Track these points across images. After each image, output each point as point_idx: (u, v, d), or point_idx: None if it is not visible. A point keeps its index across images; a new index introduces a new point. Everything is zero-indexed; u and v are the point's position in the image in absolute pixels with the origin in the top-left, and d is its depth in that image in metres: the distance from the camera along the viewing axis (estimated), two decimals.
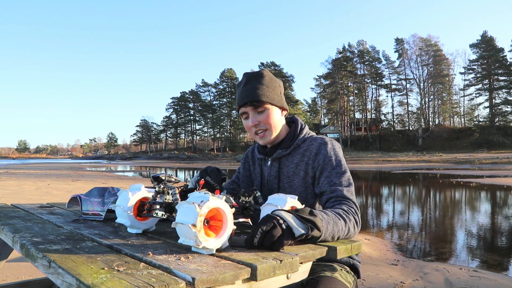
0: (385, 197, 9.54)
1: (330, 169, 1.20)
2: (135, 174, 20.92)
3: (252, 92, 1.24)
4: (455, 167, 22.74)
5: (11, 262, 2.94)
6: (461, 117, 60.61)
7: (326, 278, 1.07)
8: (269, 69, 69.13)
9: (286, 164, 1.30)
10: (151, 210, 0.92)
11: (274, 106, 1.27)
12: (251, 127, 1.29)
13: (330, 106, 64.74)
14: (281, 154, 1.30)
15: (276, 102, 1.27)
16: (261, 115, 1.26)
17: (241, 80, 1.31)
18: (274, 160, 1.33)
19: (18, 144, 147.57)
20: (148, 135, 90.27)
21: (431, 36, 59.84)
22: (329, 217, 0.96)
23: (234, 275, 0.63)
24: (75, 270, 0.61)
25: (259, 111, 1.26)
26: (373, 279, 2.95)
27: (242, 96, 1.26)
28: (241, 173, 1.49)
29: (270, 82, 1.27)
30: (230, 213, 0.78)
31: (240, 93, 1.28)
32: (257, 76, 1.27)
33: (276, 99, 1.27)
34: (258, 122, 1.27)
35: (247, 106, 1.26)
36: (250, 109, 1.26)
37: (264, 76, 1.28)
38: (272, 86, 1.28)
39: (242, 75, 1.31)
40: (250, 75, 1.28)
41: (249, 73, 1.30)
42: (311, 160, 1.25)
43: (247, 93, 1.25)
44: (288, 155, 1.30)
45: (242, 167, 1.49)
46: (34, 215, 1.27)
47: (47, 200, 6.60)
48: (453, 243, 4.49)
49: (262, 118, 1.27)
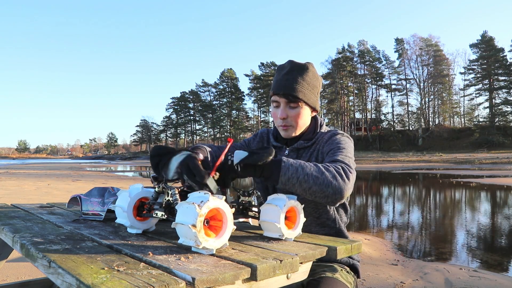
0: (385, 197, 9.54)
1: (336, 148, 1.15)
2: (135, 174, 20.92)
3: (291, 85, 1.19)
4: (455, 167, 22.74)
5: (11, 262, 2.94)
6: (461, 117, 60.62)
7: (327, 279, 1.07)
8: (269, 69, 69.59)
9: (304, 156, 1.26)
10: (150, 210, 0.92)
11: (308, 105, 1.23)
12: (279, 119, 1.24)
13: (330, 106, 64.71)
14: (302, 145, 1.26)
15: (311, 103, 1.23)
16: (292, 110, 1.22)
17: (284, 64, 1.25)
18: (292, 150, 1.28)
19: (18, 144, 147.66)
20: (148, 135, 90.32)
21: (432, 36, 59.87)
22: (297, 162, 0.96)
23: (234, 275, 0.63)
24: (75, 270, 0.61)
25: (291, 106, 1.21)
26: (373, 279, 2.95)
27: (280, 84, 1.20)
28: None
29: (311, 80, 1.22)
30: (230, 213, 0.78)
31: (278, 80, 1.22)
32: (301, 69, 1.21)
33: (312, 99, 1.23)
34: (287, 117, 1.22)
35: (281, 97, 1.21)
36: (283, 101, 1.21)
37: (308, 71, 1.22)
38: (313, 84, 1.23)
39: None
40: (295, 65, 1.22)
41: (294, 62, 1.23)
42: (321, 147, 1.22)
43: (286, 83, 1.19)
44: (307, 148, 1.27)
45: (255, 146, 1.39)
46: (34, 215, 1.27)
47: (47, 200, 6.60)
48: (453, 243, 4.49)
49: (292, 113, 1.22)
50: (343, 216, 1.30)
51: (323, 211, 1.24)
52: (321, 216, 1.24)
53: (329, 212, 1.24)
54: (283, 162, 0.94)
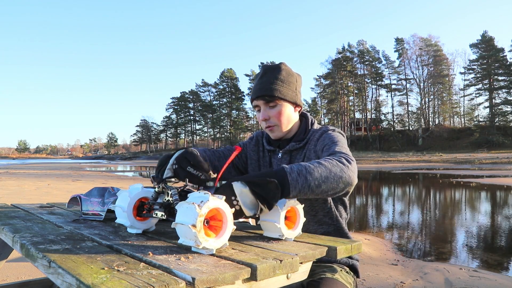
0: (385, 197, 9.55)
1: (330, 143, 1.14)
2: (135, 174, 20.91)
3: (266, 86, 1.22)
4: (455, 167, 22.74)
5: (11, 262, 2.94)
6: (461, 117, 60.63)
7: (327, 279, 1.07)
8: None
9: (297, 157, 1.27)
10: (150, 211, 0.92)
11: (287, 102, 1.25)
12: (261, 121, 1.27)
13: (330, 106, 64.76)
14: (294, 147, 1.27)
15: (289, 98, 1.24)
16: (272, 110, 1.25)
17: (259, 72, 1.30)
18: (285, 153, 1.30)
19: (18, 144, 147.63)
20: (148, 135, 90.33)
21: (431, 36, 59.93)
22: (301, 168, 0.89)
23: (234, 275, 0.63)
24: (75, 270, 0.61)
25: (270, 106, 1.24)
26: (373, 279, 2.95)
27: (256, 89, 1.25)
28: (249, 155, 1.40)
29: (286, 77, 1.25)
30: (230, 213, 0.78)
31: (255, 85, 1.27)
32: (274, 70, 1.25)
33: (289, 95, 1.24)
34: (269, 117, 1.25)
35: (259, 100, 1.24)
36: (262, 103, 1.24)
37: (281, 70, 1.25)
38: (288, 81, 1.25)
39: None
40: (267, 68, 1.26)
41: (266, 65, 1.27)
42: (313, 145, 1.23)
43: (260, 86, 1.23)
44: (300, 149, 1.28)
45: (252, 150, 1.40)
46: (34, 215, 1.27)
47: (47, 200, 6.60)
48: (453, 243, 4.49)
49: (272, 113, 1.25)
50: (342, 213, 1.28)
51: (319, 208, 1.24)
52: (318, 214, 1.24)
53: (326, 209, 1.24)
54: (289, 176, 0.87)
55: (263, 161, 1.37)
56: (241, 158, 1.41)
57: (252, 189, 0.83)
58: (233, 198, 0.82)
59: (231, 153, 1.36)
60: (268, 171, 0.88)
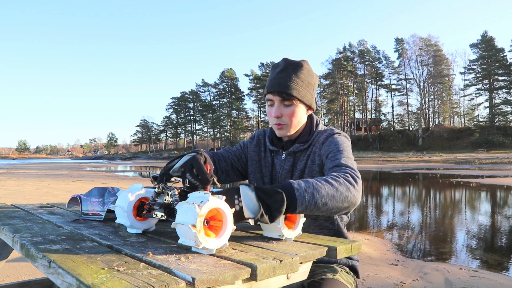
0: (385, 197, 9.54)
1: (336, 151, 1.13)
2: (135, 174, 20.91)
3: (285, 83, 1.17)
4: (455, 167, 22.74)
5: (11, 262, 2.94)
6: (461, 117, 60.65)
7: (328, 280, 1.07)
8: (269, 69, 69.49)
9: (301, 159, 1.24)
10: (150, 211, 0.92)
11: (302, 103, 1.21)
12: (273, 117, 1.22)
13: (330, 106, 64.72)
14: (298, 149, 1.24)
15: (306, 101, 1.21)
16: (287, 108, 1.20)
17: (278, 63, 1.23)
18: (289, 154, 1.26)
19: (18, 144, 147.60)
20: (148, 135, 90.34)
21: (431, 36, 59.97)
22: (308, 185, 0.89)
23: (234, 275, 0.63)
24: (75, 270, 0.61)
25: (285, 104, 1.20)
26: (373, 279, 2.95)
27: (274, 82, 1.19)
28: (250, 155, 1.37)
29: (306, 77, 1.20)
30: (230, 213, 0.78)
31: (272, 78, 1.20)
32: (296, 67, 1.20)
33: (306, 96, 1.21)
34: (281, 115, 1.20)
35: (275, 95, 1.19)
36: (277, 99, 1.19)
37: (303, 68, 1.20)
38: (307, 81, 1.21)
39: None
40: (289, 63, 1.20)
41: (288, 60, 1.22)
42: (318, 149, 1.20)
43: (280, 81, 1.18)
44: (303, 151, 1.24)
45: (253, 150, 1.37)
46: (34, 215, 1.27)
47: (47, 200, 6.60)
48: (453, 243, 4.49)
49: (286, 112, 1.20)
50: (343, 216, 1.28)
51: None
52: (319, 218, 1.23)
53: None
54: (296, 191, 0.87)
55: (265, 161, 1.33)
56: (241, 159, 1.37)
57: (258, 195, 0.84)
58: (236, 197, 0.83)
59: (230, 154, 1.37)
60: (275, 186, 0.89)
